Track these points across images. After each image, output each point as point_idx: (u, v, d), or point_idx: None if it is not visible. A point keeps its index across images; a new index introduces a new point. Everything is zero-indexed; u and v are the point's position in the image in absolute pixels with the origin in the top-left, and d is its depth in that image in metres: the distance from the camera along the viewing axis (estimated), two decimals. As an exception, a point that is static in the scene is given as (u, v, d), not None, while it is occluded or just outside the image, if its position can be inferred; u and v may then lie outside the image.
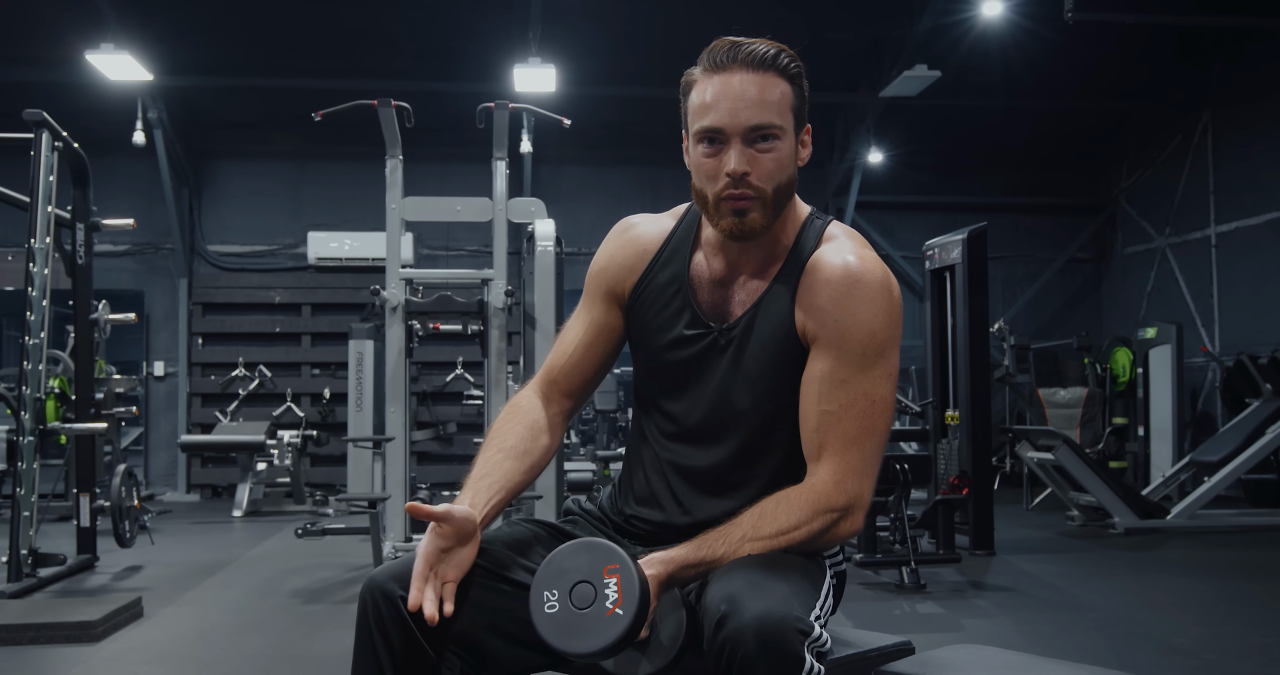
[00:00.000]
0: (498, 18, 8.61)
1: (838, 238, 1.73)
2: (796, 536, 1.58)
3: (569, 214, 9.26)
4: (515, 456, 1.74)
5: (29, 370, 5.09)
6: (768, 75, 1.63)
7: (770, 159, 1.64)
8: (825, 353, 1.66)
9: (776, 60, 1.64)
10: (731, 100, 1.62)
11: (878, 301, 1.65)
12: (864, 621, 4.34)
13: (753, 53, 1.63)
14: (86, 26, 8.00)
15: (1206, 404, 9.48)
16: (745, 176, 1.62)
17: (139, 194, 9.64)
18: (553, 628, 1.46)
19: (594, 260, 1.86)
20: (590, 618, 1.45)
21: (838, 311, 1.65)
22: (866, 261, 1.68)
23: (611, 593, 1.45)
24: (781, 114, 1.64)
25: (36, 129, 5.25)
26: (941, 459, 6.55)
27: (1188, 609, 4.86)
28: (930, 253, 6.75)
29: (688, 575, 1.56)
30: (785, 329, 1.69)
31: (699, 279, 1.76)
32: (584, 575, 1.47)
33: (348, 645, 1.65)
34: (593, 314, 1.85)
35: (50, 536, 6.19)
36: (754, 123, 1.62)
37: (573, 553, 1.50)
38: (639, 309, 1.80)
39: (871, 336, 1.65)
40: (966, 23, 8.20)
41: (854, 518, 1.62)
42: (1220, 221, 9.47)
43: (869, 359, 1.64)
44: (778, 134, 1.64)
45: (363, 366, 7.50)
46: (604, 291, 1.84)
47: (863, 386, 1.64)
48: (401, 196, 5.73)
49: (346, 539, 6.34)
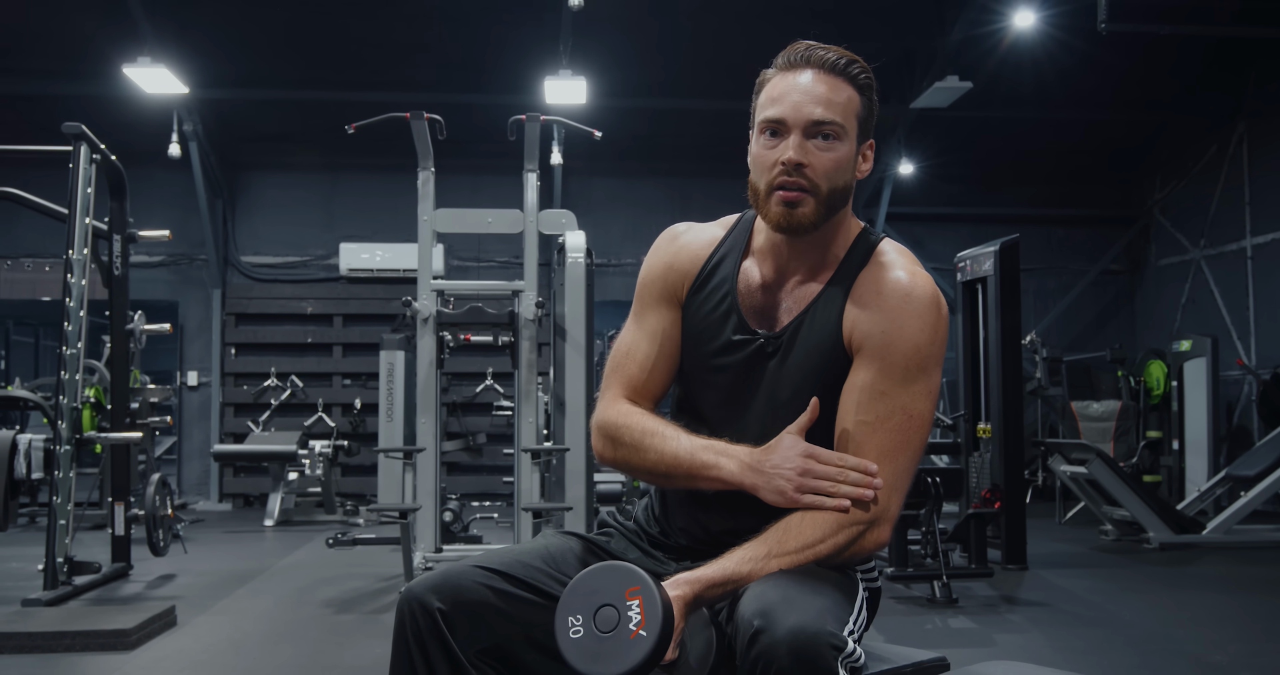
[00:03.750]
0: (529, 30, 8.66)
1: (889, 253, 1.74)
2: (822, 550, 1.58)
3: (599, 225, 9.28)
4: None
5: (66, 380, 5.15)
6: (838, 79, 1.66)
7: (829, 157, 1.65)
8: (868, 364, 1.66)
9: (849, 68, 1.67)
10: (798, 94, 1.64)
11: (925, 317, 1.66)
12: (895, 636, 4.31)
13: (825, 57, 1.66)
14: (123, 41, 8.11)
15: (1242, 418, 9.37)
16: (801, 167, 1.63)
17: (174, 206, 9.74)
18: (578, 652, 1.46)
19: (646, 269, 1.84)
20: (615, 641, 1.45)
21: (885, 323, 1.66)
22: (918, 277, 1.70)
23: (634, 614, 1.45)
24: (845, 116, 1.65)
25: (75, 142, 5.31)
26: (973, 472, 6.51)
27: (1224, 625, 4.80)
28: (962, 265, 6.72)
29: (715, 594, 1.55)
30: (832, 338, 1.69)
31: (747, 286, 1.77)
32: (607, 598, 1.47)
33: (379, 655, 1.66)
34: (660, 322, 1.81)
35: (85, 544, 6.25)
36: (816, 117, 1.63)
37: (595, 576, 1.50)
38: (690, 314, 1.80)
39: (916, 351, 1.65)
40: (998, 34, 8.17)
41: (879, 530, 1.62)
42: (1256, 233, 9.37)
43: (911, 373, 1.65)
44: (839, 133, 1.65)
45: (393, 377, 7.54)
46: (664, 296, 1.81)
47: (902, 400, 1.64)
48: (433, 208, 5.77)
49: (377, 549, 6.37)
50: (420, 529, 5.72)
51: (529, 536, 5.40)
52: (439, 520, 5.93)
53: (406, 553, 5.36)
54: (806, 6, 8.57)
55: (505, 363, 6.37)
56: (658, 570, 1.73)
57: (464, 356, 9.04)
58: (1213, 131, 9.87)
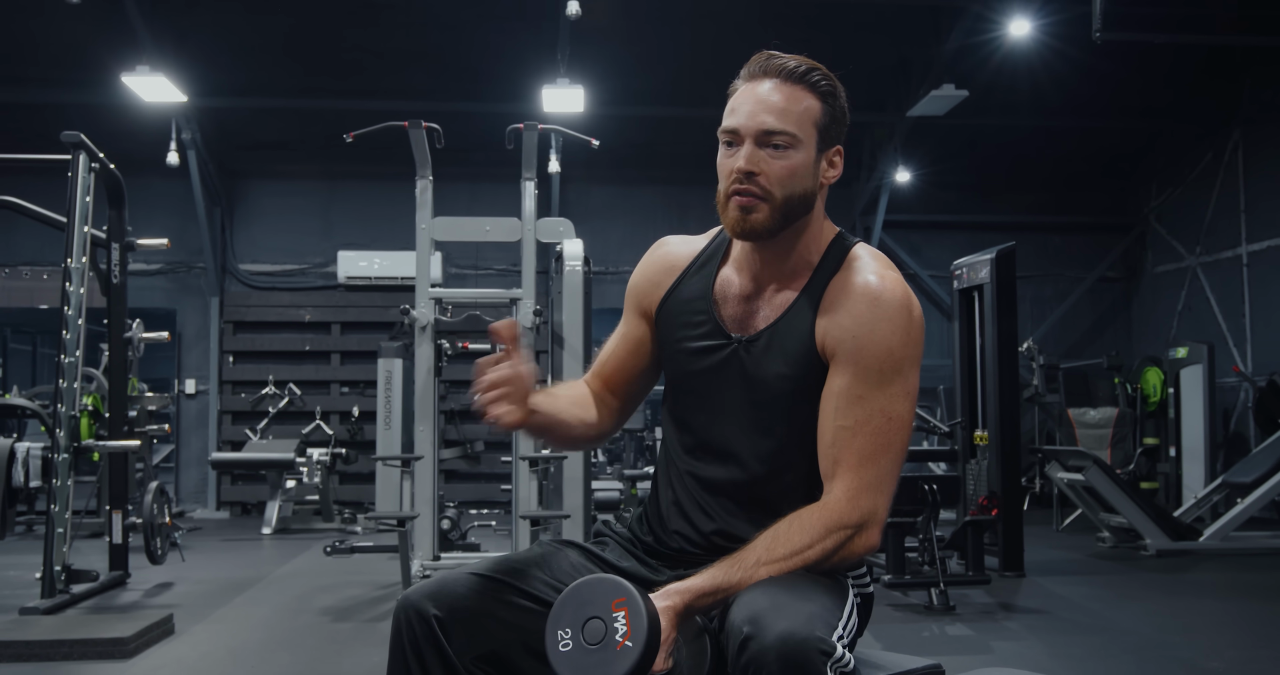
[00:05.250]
0: (526, 39, 8.68)
1: (862, 258, 1.76)
2: (811, 556, 1.59)
3: (597, 234, 9.29)
4: (568, 401, 1.85)
5: (64, 388, 5.15)
6: (796, 88, 1.68)
7: (781, 165, 1.67)
8: (843, 369, 1.68)
9: (807, 76, 1.68)
10: (751, 104, 1.67)
11: (896, 320, 1.67)
12: (892, 643, 4.32)
13: (784, 65, 1.69)
14: (122, 49, 8.12)
15: (1239, 424, 9.38)
16: (752, 175, 1.66)
17: (172, 214, 9.75)
18: (567, 666, 1.48)
19: (630, 277, 1.93)
20: (602, 653, 1.47)
21: (856, 328, 1.67)
22: (887, 281, 1.71)
23: (620, 626, 1.47)
24: (801, 126, 1.67)
25: (74, 150, 5.32)
26: (970, 479, 6.52)
27: (1221, 632, 4.81)
28: (958, 272, 6.74)
29: (705, 603, 1.57)
30: (806, 344, 1.71)
31: (724, 293, 1.80)
32: (594, 611, 1.49)
33: (376, 663, 1.67)
34: (627, 328, 1.92)
35: (83, 553, 6.25)
36: (767, 127, 1.66)
37: (583, 590, 1.52)
38: (665, 322, 1.84)
39: (889, 354, 1.66)
40: (994, 42, 8.20)
41: (868, 534, 1.64)
42: (1252, 240, 9.40)
43: (886, 376, 1.66)
44: (791, 143, 1.67)
45: (391, 385, 7.55)
46: (634, 306, 1.90)
47: (879, 403, 1.66)
48: (431, 216, 5.79)
49: (375, 557, 6.37)
50: (418, 537, 5.73)
51: (527, 544, 5.41)
52: (437, 528, 5.94)
53: (404, 561, 5.36)
54: (803, 15, 8.60)
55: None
56: (652, 578, 1.74)
57: (462, 364, 8.95)
58: (1208, 139, 9.90)
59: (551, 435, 1.81)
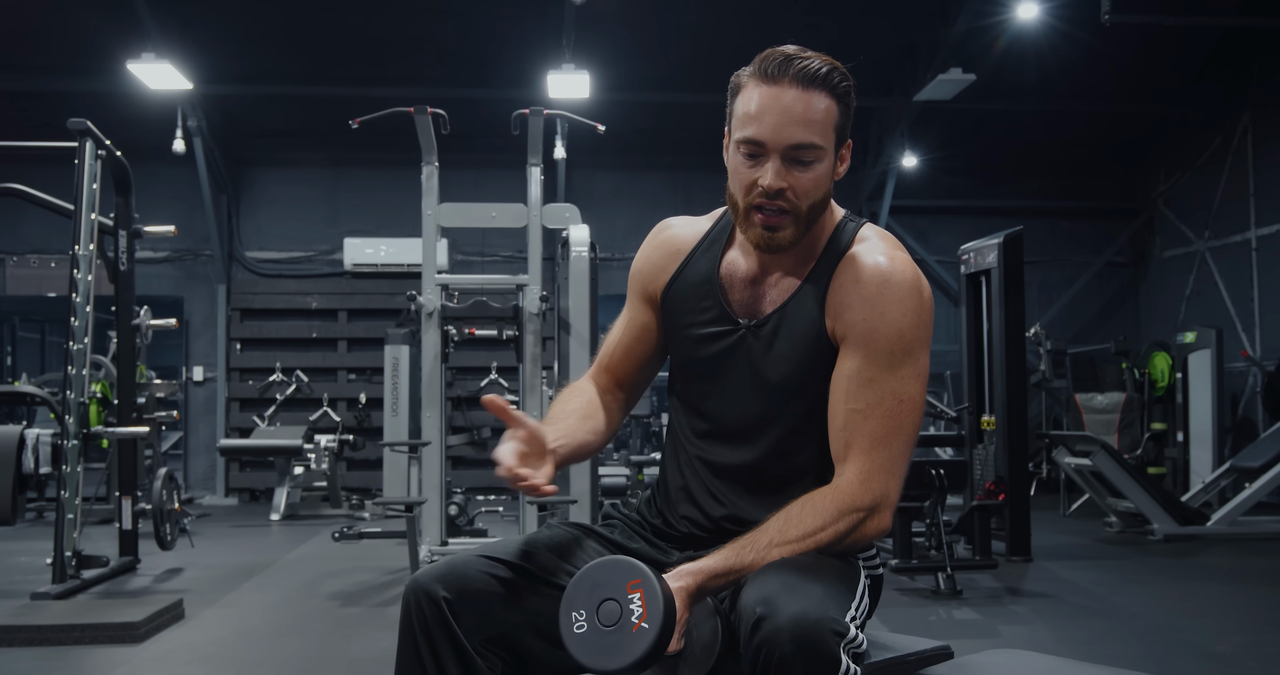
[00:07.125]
0: (532, 25, 8.66)
1: (870, 239, 1.74)
2: (823, 538, 1.59)
3: (603, 219, 9.28)
4: (579, 417, 1.80)
5: (73, 375, 5.17)
6: (817, 93, 1.63)
7: (808, 178, 1.65)
8: (854, 352, 1.67)
9: (828, 78, 1.64)
10: (777, 115, 1.62)
11: (906, 301, 1.66)
12: (900, 627, 4.32)
13: (805, 69, 1.63)
14: (128, 37, 8.12)
15: (1247, 409, 9.36)
16: (781, 191, 1.64)
17: (179, 201, 9.76)
18: (582, 647, 1.48)
19: (633, 263, 1.91)
20: (618, 634, 1.46)
21: (866, 311, 1.66)
22: (897, 262, 1.69)
23: (636, 608, 1.46)
24: (824, 134, 1.65)
25: (80, 138, 5.32)
26: (977, 464, 6.51)
27: (1229, 616, 4.80)
28: (965, 257, 6.72)
29: (718, 585, 1.56)
30: (815, 328, 1.70)
31: (731, 277, 1.78)
32: (609, 593, 1.49)
33: (386, 647, 1.67)
34: (632, 313, 1.90)
35: (93, 539, 6.27)
36: (795, 141, 1.63)
37: (597, 571, 1.52)
38: (671, 307, 1.83)
39: (900, 336, 1.65)
40: (1001, 26, 8.16)
41: (880, 516, 1.63)
42: (1261, 224, 9.36)
43: (897, 358, 1.65)
44: (818, 154, 1.65)
45: (398, 371, 7.55)
46: (639, 292, 1.88)
47: (890, 386, 1.65)
48: (437, 203, 5.78)
49: (383, 543, 6.38)
50: (425, 523, 5.74)
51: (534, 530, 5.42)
52: (444, 514, 5.95)
53: (412, 546, 5.38)
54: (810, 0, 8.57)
55: (510, 357, 6.39)
56: (661, 560, 1.75)
57: (468, 351, 9.04)
58: (1217, 123, 9.85)
59: (575, 461, 1.81)
